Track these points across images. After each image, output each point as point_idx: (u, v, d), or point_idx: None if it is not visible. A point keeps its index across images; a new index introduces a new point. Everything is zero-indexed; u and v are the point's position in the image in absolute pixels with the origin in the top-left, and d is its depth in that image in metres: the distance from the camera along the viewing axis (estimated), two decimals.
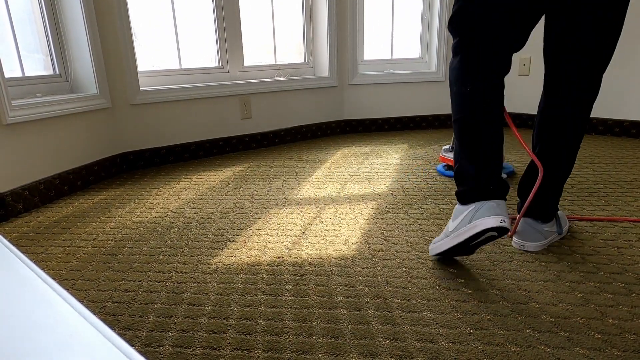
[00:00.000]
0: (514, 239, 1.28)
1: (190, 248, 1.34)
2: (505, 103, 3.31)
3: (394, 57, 3.24)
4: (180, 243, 1.38)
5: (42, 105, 1.77)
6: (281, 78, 2.86)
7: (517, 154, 2.44)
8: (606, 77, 2.76)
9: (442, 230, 1.33)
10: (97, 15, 2.08)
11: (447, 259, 1.21)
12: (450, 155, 1.99)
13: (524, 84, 3.18)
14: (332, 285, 1.10)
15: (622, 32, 2.64)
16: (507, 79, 3.23)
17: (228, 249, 1.33)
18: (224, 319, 0.96)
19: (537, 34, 3.13)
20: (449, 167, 2.06)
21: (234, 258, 1.26)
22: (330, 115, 3.13)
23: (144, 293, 1.08)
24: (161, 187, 2.00)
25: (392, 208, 1.64)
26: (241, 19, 2.64)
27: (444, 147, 2.05)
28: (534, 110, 3.16)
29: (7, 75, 1.79)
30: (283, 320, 0.95)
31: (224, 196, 1.84)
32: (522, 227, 1.28)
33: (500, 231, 1.07)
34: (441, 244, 1.17)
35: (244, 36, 2.70)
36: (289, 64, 2.97)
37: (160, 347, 0.87)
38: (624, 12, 1.07)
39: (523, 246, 1.26)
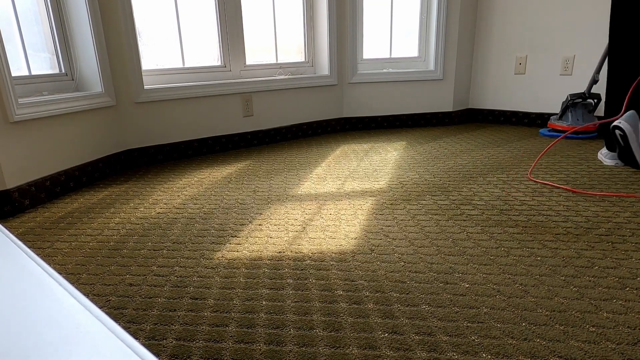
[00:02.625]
0: None
1: (193, 243, 1.36)
2: (502, 101, 3.33)
3: (392, 56, 3.25)
4: (184, 238, 1.40)
5: (48, 104, 1.80)
6: (282, 77, 2.87)
7: None
8: (601, 77, 2.77)
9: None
10: (102, 15, 2.10)
11: (444, 252, 1.23)
12: (557, 122, 2.75)
13: (521, 83, 3.19)
14: (332, 279, 1.11)
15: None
16: (504, 78, 3.25)
17: (230, 243, 1.35)
18: (226, 312, 0.98)
19: (536, 33, 3.13)
20: (551, 130, 2.77)
21: (236, 253, 1.28)
22: (330, 113, 3.15)
23: (148, 287, 1.10)
24: (165, 184, 2.02)
25: (391, 204, 1.66)
26: (243, 19, 2.66)
27: (552, 117, 2.82)
28: (530, 109, 3.18)
29: (14, 74, 1.81)
30: (284, 314, 0.96)
31: (226, 192, 1.86)
32: None
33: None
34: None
35: (246, 36, 2.72)
36: (289, 63, 2.98)
37: (164, 340, 0.89)
38: None
39: None
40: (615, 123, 1.88)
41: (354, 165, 2.25)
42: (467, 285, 1.06)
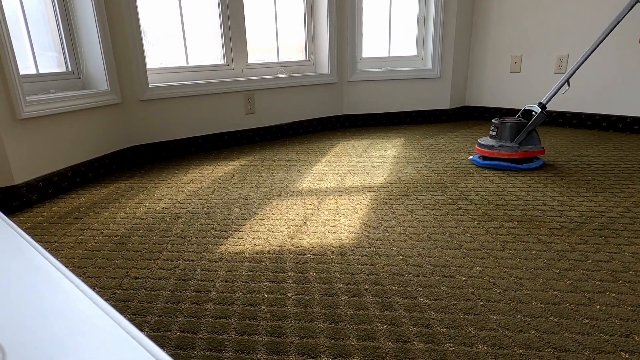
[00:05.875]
0: None
1: (197, 237, 1.38)
2: (498, 99, 3.34)
3: (391, 54, 3.27)
4: (187, 232, 1.42)
5: (55, 101, 1.82)
6: (283, 75, 2.89)
7: None
8: (594, 74, 2.77)
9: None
10: (108, 15, 2.12)
11: (442, 246, 1.25)
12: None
13: (516, 81, 3.20)
14: (332, 272, 1.13)
15: (625, 28, 2.63)
16: (500, 76, 3.26)
17: (233, 238, 1.37)
18: (229, 304, 0.99)
19: (531, 32, 3.14)
20: (484, 158, 2.10)
21: (238, 247, 1.30)
22: (330, 110, 3.17)
23: (153, 280, 1.12)
24: (169, 179, 2.05)
25: (390, 199, 1.68)
26: (245, 19, 2.68)
27: (479, 140, 2.12)
28: (525, 106, 3.19)
29: (22, 72, 1.83)
30: (285, 306, 0.98)
31: (229, 188, 1.89)
32: None
33: None
34: None
35: (248, 35, 2.74)
36: (291, 62, 3.00)
37: (168, 332, 0.91)
38: None
39: None
40: None
41: (354, 161, 2.28)
42: (464, 279, 1.08)
